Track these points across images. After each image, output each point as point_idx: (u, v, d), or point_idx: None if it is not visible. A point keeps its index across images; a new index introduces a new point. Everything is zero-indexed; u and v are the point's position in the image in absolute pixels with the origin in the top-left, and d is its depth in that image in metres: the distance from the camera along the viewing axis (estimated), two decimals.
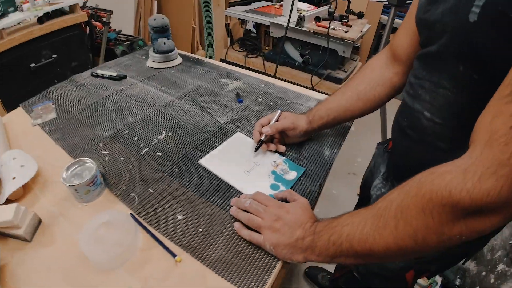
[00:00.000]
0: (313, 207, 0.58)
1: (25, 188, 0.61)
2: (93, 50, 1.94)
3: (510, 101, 0.31)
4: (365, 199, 0.79)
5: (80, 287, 0.46)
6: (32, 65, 1.53)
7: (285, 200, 0.57)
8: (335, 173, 1.79)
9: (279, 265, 0.48)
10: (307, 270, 1.37)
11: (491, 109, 0.34)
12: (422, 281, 1.33)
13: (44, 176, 0.65)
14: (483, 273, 1.22)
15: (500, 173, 0.31)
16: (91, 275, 0.47)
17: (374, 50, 2.35)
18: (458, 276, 1.31)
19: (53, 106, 0.87)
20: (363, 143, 1.99)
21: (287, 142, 0.72)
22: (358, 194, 1.68)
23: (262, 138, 0.67)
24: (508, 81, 0.32)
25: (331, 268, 1.29)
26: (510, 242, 1.16)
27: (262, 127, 0.68)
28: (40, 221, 0.56)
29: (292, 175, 0.65)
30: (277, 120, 0.69)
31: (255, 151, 0.68)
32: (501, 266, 1.14)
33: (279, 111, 0.71)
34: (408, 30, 0.59)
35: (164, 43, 1.03)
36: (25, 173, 0.62)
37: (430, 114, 0.48)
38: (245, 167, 0.67)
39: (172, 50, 1.06)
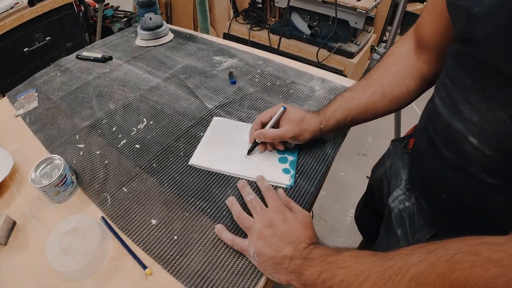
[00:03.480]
0: (309, 210, 0.50)
1: (2, 186, 0.58)
2: (89, 29, 1.85)
3: None
4: (377, 202, 0.69)
5: None
6: (26, 49, 1.48)
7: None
8: (344, 154, 1.69)
9: (262, 281, 0.42)
10: None
11: None
12: None
13: (20, 172, 0.62)
14: None
15: None
16: (60, 284, 0.44)
17: (390, 21, 2.13)
18: None
19: (36, 94, 0.82)
20: (374, 121, 1.84)
21: None
22: (367, 176, 1.61)
23: (257, 140, 0.58)
24: None
25: None
26: None
27: (262, 124, 0.58)
28: (14, 223, 0.52)
29: (290, 144, 0.59)
30: (279, 118, 0.57)
31: (248, 153, 0.59)
32: None
33: (282, 107, 0.56)
34: (434, 13, 0.46)
35: (150, 19, 0.93)
36: (0, 171, 0.58)
37: (477, 141, 0.36)
38: (242, 151, 0.59)
39: (159, 26, 0.96)
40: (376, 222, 0.72)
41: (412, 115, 1.16)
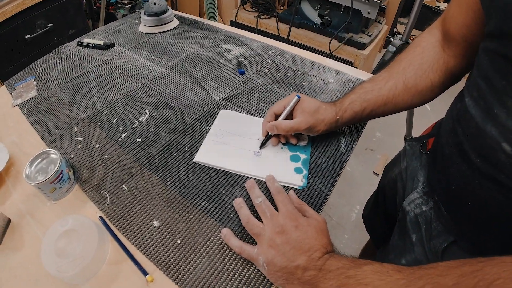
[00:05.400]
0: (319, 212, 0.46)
1: None
2: (92, 15, 1.80)
3: None
4: (389, 203, 0.65)
5: None
6: (27, 36, 1.45)
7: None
8: None
9: None
10: None
11: None
12: None
13: (17, 166, 0.59)
14: None
15: None
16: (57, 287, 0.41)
17: (402, 12, 2.05)
18: None
19: (35, 83, 0.79)
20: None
21: None
22: (374, 172, 1.56)
23: (271, 133, 0.54)
24: None
25: None
26: None
27: (276, 115, 0.54)
28: (9, 221, 0.50)
29: (304, 138, 0.56)
30: (293, 107, 0.53)
31: (261, 147, 0.55)
32: None
33: (297, 96, 0.53)
34: (462, 4, 0.43)
35: (155, 4, 0.88)
36: None
37: (511, 149, 0.32)
38: (251, 147, 0.55)
39: (164, 12, 0.91)
40: (386, 223, 0.68)
41: (421, 112, 1.11)
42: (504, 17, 0.31)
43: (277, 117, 0.55)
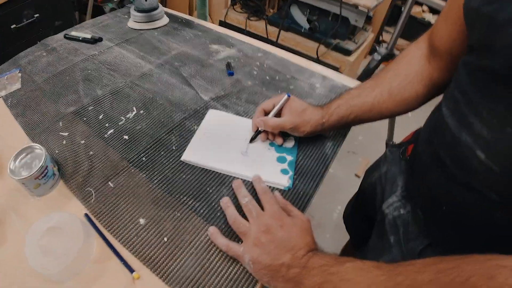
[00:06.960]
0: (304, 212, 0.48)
1: None
2: (80, 7, 1.76)
3: None
4: (369, 206, 0.68)
5: None
6: (13, 26, 1.40)
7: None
8: None
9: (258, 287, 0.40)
10: None
11: None
12: None
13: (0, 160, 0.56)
14: None
15: None
16: (42, 285, 0.41)
17: (388, 21, 2.12)
18: None
19: (20, 74, 0.76)
20: None
21: None
22: (356, 174, 1.61)
23: (260, 128, 0.56)
24: None
25: None
26: None
27: (265, 112, 0.56)
28: None
29: (290, 140, 0.58)
30: (282, 105, 0.56)
31: (251, 141, 0.57)
32: None
33: (286, 95, 0.56)
34: (448, 18, 0.45)
35: (146, 0, 0.87)
36: None
37: (485, 156, 0.34)
38: (239, 148, 0.57)
39: (155, 8, 0.91)
40: (366, 225, 0.71)
41: (403, 118, 1.15)
42: (487, 30, 0.33)
43: (266, 114, 0.57)
